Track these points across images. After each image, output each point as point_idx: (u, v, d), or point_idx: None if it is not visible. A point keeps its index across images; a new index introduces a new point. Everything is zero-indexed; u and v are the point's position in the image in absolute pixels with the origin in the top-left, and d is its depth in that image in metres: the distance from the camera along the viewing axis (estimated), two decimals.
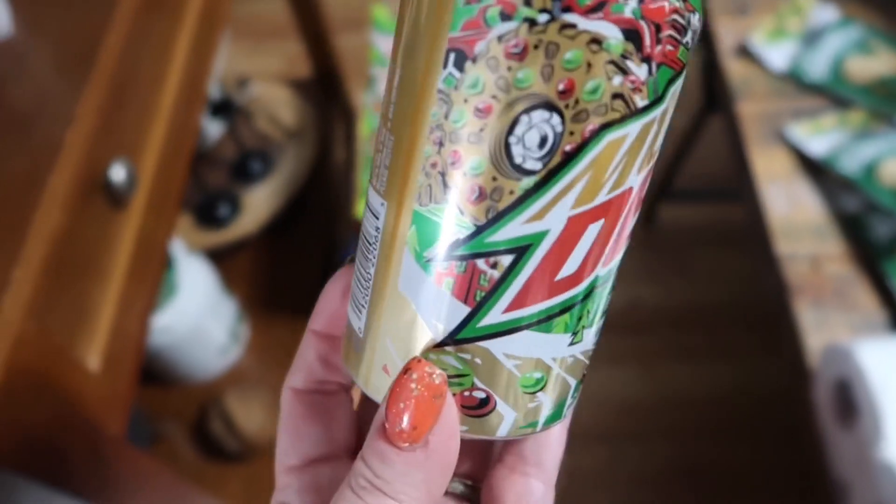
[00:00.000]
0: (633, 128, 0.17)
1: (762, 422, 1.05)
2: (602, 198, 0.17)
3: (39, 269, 0.38)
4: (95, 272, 0.46)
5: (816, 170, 0.71)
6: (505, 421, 0.19)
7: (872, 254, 0.65)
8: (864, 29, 0.77)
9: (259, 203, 0.99)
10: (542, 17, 0.16)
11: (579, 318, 0.18)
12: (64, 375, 0.41)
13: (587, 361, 0.20)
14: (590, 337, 0.19)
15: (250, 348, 0.92)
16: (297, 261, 1.00)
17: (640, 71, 0.16)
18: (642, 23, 0.16)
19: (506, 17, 0.16)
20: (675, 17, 0.17)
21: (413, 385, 0.17)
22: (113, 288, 0.47)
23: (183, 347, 0.82)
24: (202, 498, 0.55)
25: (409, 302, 0.18)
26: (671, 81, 0.17)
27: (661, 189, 1.20)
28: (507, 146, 0.17)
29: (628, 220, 0.18)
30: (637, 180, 0.18)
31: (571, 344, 0.19)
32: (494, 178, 0.17)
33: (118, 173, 0.46)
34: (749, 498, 0.99)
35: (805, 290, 0.65)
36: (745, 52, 0.80)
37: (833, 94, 0.75)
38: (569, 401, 0.20)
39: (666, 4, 0.16)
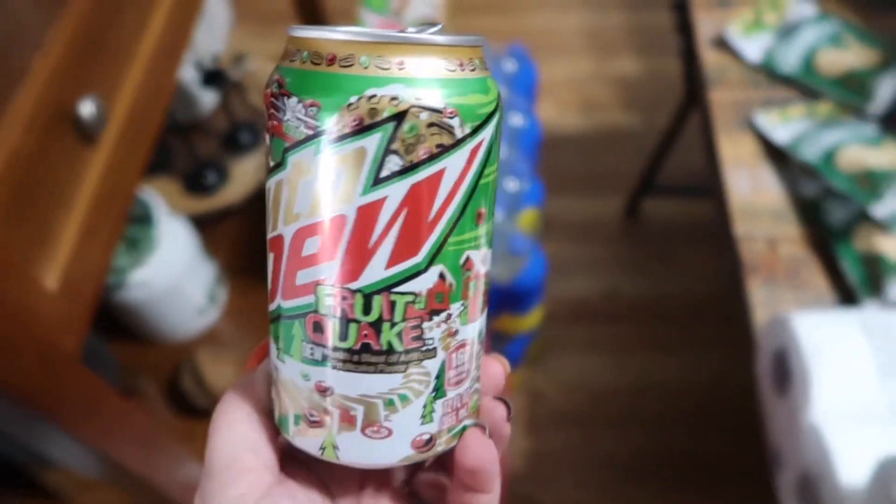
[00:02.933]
0: (271, 182, 0.22)
1: (735, 412, 1.06)
2: (269, 234, 0.23)
3: None
4: (60, 199, 0.48)
5: (780, 156, 0.73)
6: (267, 397, 0.25)
7: (827, 237, 0.66)
8: (840, 23, 0.79)
9: (246, 173, 1.02)
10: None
11: (276, 336, 0.23)
12: (19, 291, 0.43)
13: (311, 409, 0.23)
14: (293, 368, 0.23)
15: (227, 311, 0.94)
16: None
17: (266, 139, 0.22)
18: (264, 103, 0.22)
19: None
20: (272, 99, 0.21)
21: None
22: (76, 216, 0.49)
23: (160, 305, 0.84)
24: (142, 418, 0.57)
25: None
26: (286, 151, 0.21)
27: (644, 183, 1.21)
28: None
29: (293, 267, 0.22)
30: (287, 230, 0.22)
31: (277, 357, 0.23)
32: None
33: (87, 108, 0.49)
34: (721, 487, 1.00)
35: (759, 268, 0.66)
36: (722, 43, 0.82)
37: (803, 85, 0.76)
38: (291, 423, 0.23)
39: (268, 91, 0.22)
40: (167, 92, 0.62)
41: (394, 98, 0.20)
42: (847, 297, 0.63)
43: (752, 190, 0.72)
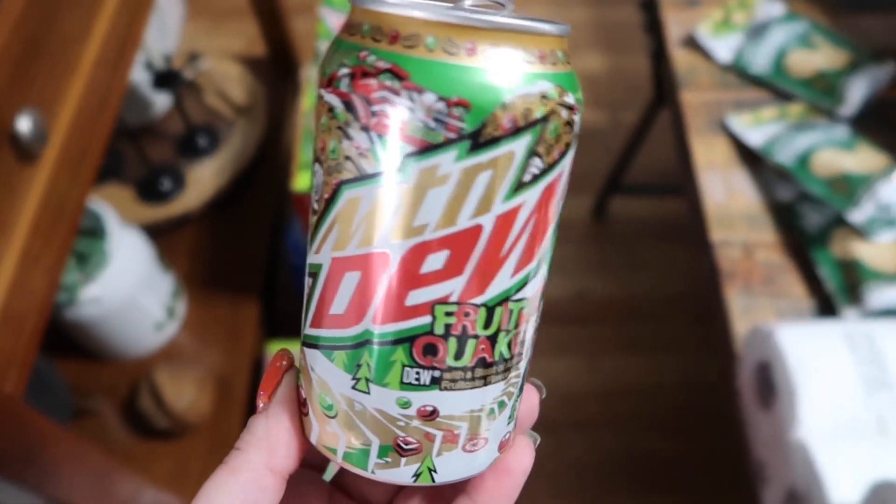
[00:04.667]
0: (367, 190, 0.18)
1: (706, 413, 1.06)
2: (352, 250, 0.19)
3: None
4: None
5: (754, 159, 0.72)
6: (312, 429, 0.21)
7: (803, 242, 0.66)
8: (808, 24, 0.78)
9: (204, 179, 0.98)
10: (319, 91, 0.19)
11: (357, 365, 0.20)
12: None
13: (407, 437, 0.20)
14: (385, 397, 0.20)
15: (187, 325, 0.90)
16: (241, 239, 0.98)
17: (361, 138, 0.18)
18: (353, 96, 0.18)
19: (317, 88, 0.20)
20: (386, 93, 0.18)
21: (270, 364, 0.22)
22: (15, 242, 0.45)
23: (115, 321, 0.80)
24: (93, 453, 0.53)
25: None
26: (409, 156, 0.18)
27: (611, 183, 1.20)
28: (312, 188, 0.20)
29: (401, 287, 0.19)
30: (395, 247, 0.19)
31: (354, 388, 0.20)
32: (310, 213, 0.21)
33: (25, 124, 0.45)
34: (692, 488, 1.00)
35: (736, 275, 0.65)
36: (692, 43, 0.81)
37: (774, 86, 0.75)
38: (373, 457, 0.21)
39: (372, 82, 0.18)
40: (115, 100, 0.58)
41: (544, 96, 0.18)
42: (825, 304, 0.62)
43: (726, 194, 0.71)
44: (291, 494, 0.23)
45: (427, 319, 0.19)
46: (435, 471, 0.21)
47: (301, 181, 0.69)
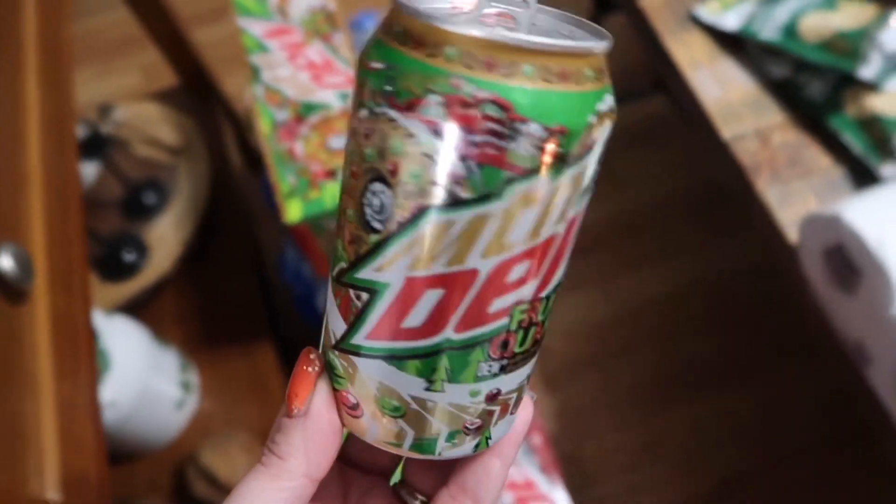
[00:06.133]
0: (460, 215, 0.19)
1: (731, 305, 1.06)
2: (438, 269, 0.19)
3: None
4: (16, 382, 0.38)
5: (736, 44, 0.69)
6: (370, 429, 0.22)
7: (813, 113, 0.64)
8: None
9: (166, 237, 0.90)
10: (376, 108, 0.19)
11: (433, 369, 0.21)
12: None
13: (474, 419, 0.22)
14: (458, 392, 0.21)
15: (207, 393, 0.84)
16: (226, 284, 0.92)
17: (456, 167, 0.18)
18: (449, 125, 0.18)
19: (362, 104, 0.20)
20: (490, 124, 0.18)
21: (299, 367, 0.22)
22: (45, 393, 0.39)
23: (136, 417, 0.74)
24: None
25: (325, 308, 0.23)
26: (508, 182, 0.18)
27: None
28: (362, 205, 0.20)
29: (486, 298, 0.20)
30: (484, 264, 0.19)
31: (428, 390, 0.21)
32: (357, 228, 0.20)
33: (5, 262, 0.38)
34: (743, 375, 1.01)
35: (761, 167, 0.63)
36: None
37: (786, 53, 0.65)
38: (441, 442, 0.22)
39: (474, 112, 0.18)
40: (76, 192, 0.51)
41: (611, 109, 0.20)
42: (858, 168, 0.61)
43: (721, 88, 0.68)
44: None
45: (506, 321, 0.20)
46: (490, 437, 0.23)
47: (292, 212, 0.63)
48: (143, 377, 0.73)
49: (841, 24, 0.62)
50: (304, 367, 0.22)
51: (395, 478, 0.26)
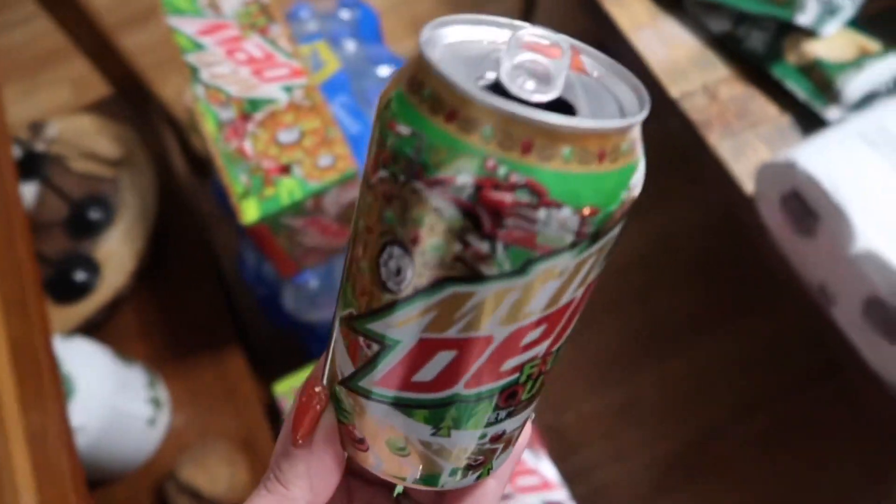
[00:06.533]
0: (481, 288, 0.18)
1: (687, 263, 1.08)
2: (453, 334, 0.19)
3: None
4: None
5: (675, 3, 0.69)
6: (376, 463, 0.23)
7: (757, 64, 0.65)
8: None
9: (116, 252, 0.87)
10: (400, 176, 0.18)
11: (440, 419, 0.21)
12: None
13: (478, 456, 0.22)
14: (465, 437, 0.22)
15: (177, 406, 0.82)
16: (185, 293, 0.89)
17: (482, 245, 0.18)
18: (479, 208, 0.17)
19: (383, 164, 0.18)
20: (521, 209, 0.17)
21: (303, 398, 0.23)
22: (12, 426, 0.37)
23: (107, 440, 0.71)
24: None
25: (330, 343, 0.23)
26: (533, 261, 0.18)
27: None
28: (377, 265, 0.19)
29: (499, 359, 0.20)
30: (501, 331, 0.19)
31: (434, 435, 0.21)
32: (371, 283, 0.20)
33: None
34: (702, 332, 1.03)
35: (711, 122, 0.64)
36: None
37: (724, 7, 0.65)
38: (445, 476, 0.23)
39: (507, 197, 0.17)
40: (18, 212, 0.48)
41: (636, 186, 0.19)
42: (805, 114, 0.63)
43: (665, 48, 0.68)
44: None
45: (516, 376, 0.21)
46: (493, 469, 0.23)
47: (249, 213, 0.61)
48: (109, 398, 0.71)
49: None
50: (310, 401, 0.23)
51: (398, 490, 0.27)
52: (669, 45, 0.68)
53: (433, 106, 0.17)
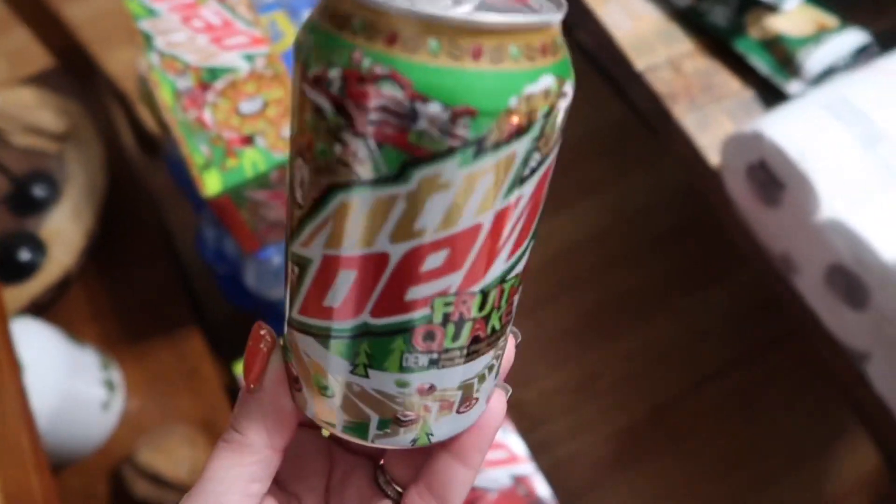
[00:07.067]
0: (364, 195, 0.18)
1: (654, 233, 1.10)
2: (348, 250, 0.19)
3: None
4: None
5: None
6: (308, 405, 0.22)
7: (720, 38, 0.66)
8: None
9: (64, 230, 0.83)
10: (296, 82, 0.19)
11: (355, 353, 0.20)
12: None
13: (406, 410, 0.21)
14: (383, 379, 0.21)
15: (133, 388, 0.79)
16: (138, 272, 0.86)
17: (357, 144, 0.17)
18: (348, 101, 0.17)
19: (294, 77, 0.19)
20: (385, 102, 0.17)
21: (250, 341, 0.23)
22: None
23: (60, 424, 0.68)
24: None
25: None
26: (410, 164, 0.17)
27: None
28: (291, 179, 0.20)
29: (400, 284, 0.19)
30: (394, 249, 0.18)
31: (353, 373, 0.21)
32: (290, 202, 0.20)
33: None
34: (661, 304, 1.06)
35: (677, 95, 0.65)
36: None
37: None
38: (373, 429, 0.22)
39: (370, 89, 0.17)
40: None
41: (546, 92, 0.18)
42: (767, 87, 0.64)
43: (630, 21, 0.69)
44: (294, 458, 0.25)
45: (426, 311, 0.20)
46: (432, 434, 0.22)
47: (210, 185, 0.59)
48: (61, 381, 0.68)
49: None
50: (257, 344, 0.23)
51: (325, 434, 0.27)
52: (634, 18, 0.69)
53: (323, 11, 0.18)
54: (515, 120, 0.17)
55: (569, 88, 0.19)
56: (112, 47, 1.10)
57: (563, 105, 0.19)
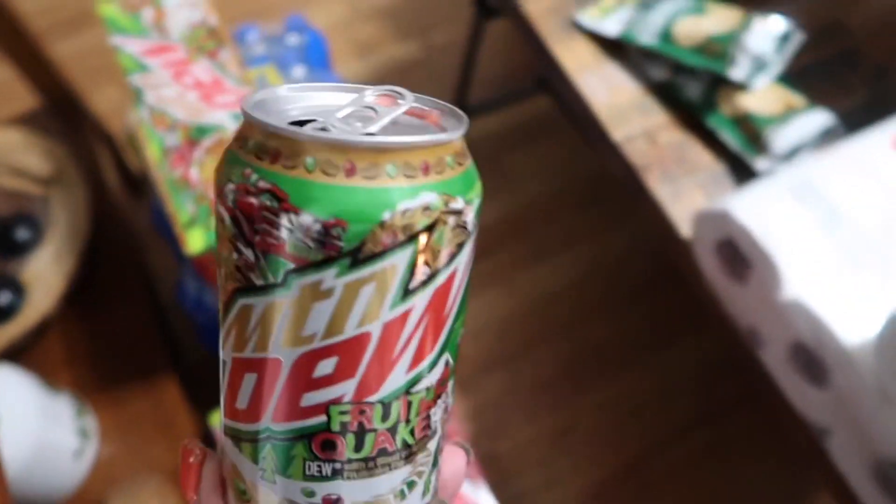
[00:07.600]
0: (257, 301, 0.19)
1: (632, 287, 1.12)
2: (249, 353, 0.20)
3: None
4: None
5: (618, 49, 0.73)
6: None
7: (693, 113, 0.68)
8: None
9: (44, 274, 0.83)
10: (215, 198, 0.20)
11: (262, 457, 0.21)
12: None
13: None
14: (290, 487, 0.21)
15: (106, 437, 0.79)
16: (117, 318, 0.86)
17: (248, 252, 0.19)
18: (238, 212, 0.19)
19: None
20: (265, 213, 0.18)
21: (181, 459, 0.23)
22: None
23: (30, 473, 0.68)
24: None
25: None
26: (290, 272, 0.18)
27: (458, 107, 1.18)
28: (217, 282, 0.21)
29: (295, 390, 0.20)
30: (286, 354, 0.19)
31: (262, 479, 0.21)
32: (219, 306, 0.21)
33: None
34: (634, 358, 1.07)
35: (651, 166, 0.67)
36: None
37: (664, 57, 0.70)
38: None
39: (254, 201, 0.18)
40: None
41: (426, 208, 0.19)
42: (736, 162, 0.66)
43: (608, 91, 0.71)
44: None
45: (323, 419, 0.20)
46: None
47: (194, 243, 0.60)
48: (35, 429, 0.67)
49: (711, 29, 0.67)
50: (187, 458, 0.23)
51: None
52: (612, 90, 0.71)
53: (234, 134, 0.20)
54: (390, 234, 0.18)
55: (460, 204, 0.19)
56: (99, 85, 1.11)
57: (454, 220, 0.19)
